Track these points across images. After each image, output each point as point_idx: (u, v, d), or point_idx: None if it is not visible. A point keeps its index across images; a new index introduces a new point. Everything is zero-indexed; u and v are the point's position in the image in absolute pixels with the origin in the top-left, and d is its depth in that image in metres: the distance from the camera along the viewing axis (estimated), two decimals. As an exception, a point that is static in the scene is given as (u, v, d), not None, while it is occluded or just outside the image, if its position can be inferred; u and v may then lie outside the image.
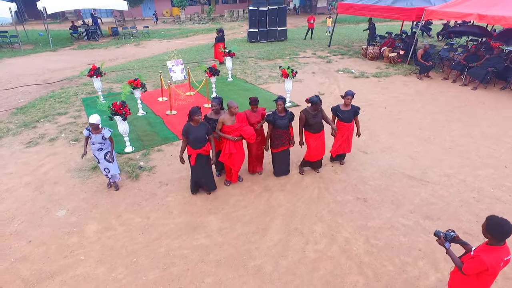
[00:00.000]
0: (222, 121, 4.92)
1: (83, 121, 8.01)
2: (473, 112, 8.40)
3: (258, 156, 5.66)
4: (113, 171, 5.16)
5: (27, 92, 10.54)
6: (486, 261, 2.57)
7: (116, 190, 5.37)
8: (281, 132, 5.30)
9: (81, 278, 3.85)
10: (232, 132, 4.94)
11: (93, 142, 4.93)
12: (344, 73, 11.89)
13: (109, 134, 5.01)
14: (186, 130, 4.69)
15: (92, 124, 4.82)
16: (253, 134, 5.00)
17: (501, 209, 4.93)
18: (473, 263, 2.67)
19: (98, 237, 4.46)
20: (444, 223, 4.68)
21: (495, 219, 2.63)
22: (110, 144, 5.07)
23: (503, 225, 2.58)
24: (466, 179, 5.67)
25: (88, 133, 4.93)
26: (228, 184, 5.52)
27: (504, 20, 9.37)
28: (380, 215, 4.85)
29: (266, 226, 4.67)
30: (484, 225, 2.69)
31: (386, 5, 12.90)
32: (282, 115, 5.23)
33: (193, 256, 4.16)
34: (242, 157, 5.28)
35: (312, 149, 5.47)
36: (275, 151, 5.50)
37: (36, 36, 21.13)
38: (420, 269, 3.96)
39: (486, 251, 2.65)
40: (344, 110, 5.53)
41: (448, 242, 2.90)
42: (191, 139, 4.72)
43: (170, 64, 8.87)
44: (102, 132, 4.92)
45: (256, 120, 5.28)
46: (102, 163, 5.07)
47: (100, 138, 4.91)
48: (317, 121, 5.30)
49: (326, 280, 3.84)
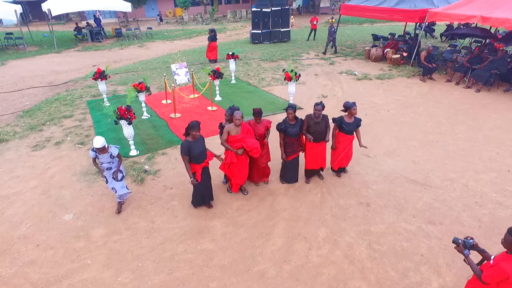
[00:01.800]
0: (228, 130, 4.85)
1: (88, 124, 8.10)
2: (476, 115, 8.40)
3: (262, 169, 5.53)
4: (120, 191, 4.85)
5: (33, 95, 10.66)
6: (507, 269, 2.55)
7: (118, 213, 5.02)
8: (293, 140, 5.28)
9: (88, 282, 3.93)
10: (236, 142, 4.86)
11: (101, 162, 4.67)
12: (347, 75, 11.91)
13: (116, 152, 4.74)
14: (187, 148, 4.46)
15: (97, 150, 4.53)
16: (256, 148, 4.84)
17: (504, 214, 4.95)
18: (493, 271, 2.64)
19: (105, 241, 4.53)
20: (446, 228, 4.71)
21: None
22: (118, 161, 4.85)
23: None
24: (469, 183, 5.69)
25: (94, 154, 4.63)
26: (230, 192, 5.49)
27: (508, 22, 9.34)
28: (383, 220, 4.89)
29: (269, 231, 4.72)
30: (506, 235, 2.67)
31: (390, 6, 12.89)
32: (293, 123, 5.19)
33: (197, 260, 4.23)
34: (244, 169, 5.15)
35: (308, 157, 5.45)
36: (287, 159, 5.43)
37: (41, 38, 21.32)
38: (422, 275, 4.00)
39: (507, 260, 2.62)
40: (348, 122, 5.34)
41: (467, 250, 2.88)
42: (195, 155, 4.52)
43: (174, 68, 8.94)
44: (109, 151, 4.63)
45: (259, 132, 5.14)
46: (110, 183, 4.81)
47: (108, 157, 4.65)
48: (317, 129, 5.19)
49: (329, 285, 3.89)
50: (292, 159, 5.48)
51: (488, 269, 2.70)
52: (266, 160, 5.48)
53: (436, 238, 4.54)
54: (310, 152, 5.44)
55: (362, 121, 5.61)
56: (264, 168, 5.58)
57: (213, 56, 14.17)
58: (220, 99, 9.67)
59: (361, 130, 7.59)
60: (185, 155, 4.49)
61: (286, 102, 9.13)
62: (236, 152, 4.89)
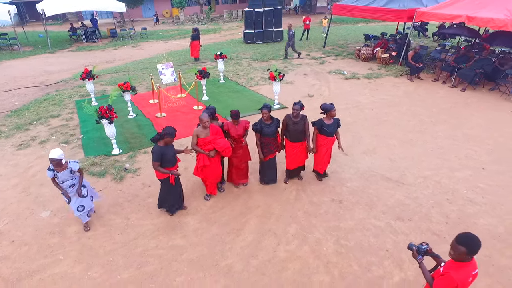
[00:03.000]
0: (196, 134, 4.82)
1: (75, 124, 8.22)
2: (459, 114, 8.48)
3: (241, 169, 5.54)
4: (88, 206, 4.61)
5: (23, 95, 10.78)
6: (456, 278, 2.57)
7: (87, 231, 4.72)
8: (269, 139, 5.30)
9: (58, 277, 4.03)
10: (206, 144, 4.83)
11: (62, 180, 4.26)
12: (336, 75, 12.00)
13: (77, 167, 4.36)
14: (160, 153, 4.34)
15: (53, 160, 4.06)
16: (227, 148, 4.87)
17: (472, 210, 5.04)
18: (443, 281, 2.65)
19: (79, 237, 4.64)
20: (415, 224, 4.80)
21: (468, 238, 2.59)
22: (80, 177, 4.50)
23: (477, 241, 2.56)
24: (442, 180, 5.78)
25: (52, 173, 4.18)
26: (208, 199, 5.38)
27: (492, 22, 9.42)
28: (353, 216, 4.98)
29: (241, 227, 4.82)
30: (457, 246, 2.59)
31: (379, 6, 12.98)
32: (269, 123, 5.21)
33: (167, 255, 4.33)
34: (217, 171, 5.14)
35: (288, 157, 5.49)
36: (264, 159, 5.47)
37: (36, 38, 21.45)
38: (385, 269, 4.09)
39: (455, 268, 2.63)
40: (328, 124, 5.28)
41: (421, 256, 2.88)
42: (168, 160, 4.43)
43: (160, 67, 9.05)
44: (68, 166, 4.25)
45: (237, 133, 5.14)
46: (74, 202, 4.45)
47: (68, 173, 4.27)
48: (296, 129, 5.19)
49: (293, 280, 3.98)
50: (269, 159, 5.51)
51: (438, 278, 2.71)
52: (245, 160, 5.51)
53: (403, 234, 4.63)
54: (290, 152, 5.45)
55: (345, 120, 5.62)
56: (243, 169, 5.59)
57: (195, 54, 14.43)
58: (207, 99, 9.77)
59: (343, 129, 7.73)
60: (157, 161, 4.36)
61: (272, 101, 9.23)
62: (208, 154, 4.85)
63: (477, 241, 2.55)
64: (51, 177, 4.25)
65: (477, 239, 2.56)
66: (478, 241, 2.55)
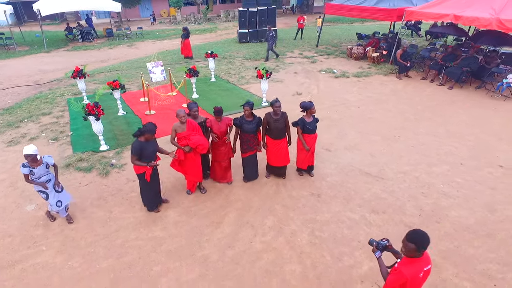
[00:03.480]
0: (174, 129, 4.95)
1: (65, 121, 8.35)
2: (443, 111, 8.62)
3: (224, 166, 5.62)
4: (66, 201, 4.72)
5: (16, 93, 10.92)
6: (406, 273, 2.64)
7: (71, 223, 4.86)
8: (249, 136, 5.39)
9: (39, 266, 4.17)
10: (181, 139, 4.93)
11: (38, 176, 4.36)
12: (326, 73, 12.13)
13: (52, 161, 4.47)
14: (139, 149, 4.45)
15: (28, 156, 4.15)
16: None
17: (446, 203, 5.18)
18: (394, 276, 2.74)
19: (62, 229, 4.78)
20: (389, 216, 4.94)
21: (417, 234, 2.66)
22: (56, 172, 4.65)
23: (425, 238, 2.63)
24: (420, 175, 5.92)
25: (28, 169, 4.26)
26: (190, 193, 5.49)
27: (477, 21, 9.56)
28: (330, 209, 5.12)
29: (220, 220, 4.96)
30: (407, 243, 2.66)
31: (370, 5, 13.12)
32: (250, 119, 5.29)
33: (146, 246, 4.47)
34: (196, 167, 5.20)
35: (270, 154, 5.58)
36: (244, 156, 5.58)
37: (33, 38, 21.59)
38: (355, 259, 4.23)
39: (406, 264, 2.72)
40: (309, 121, 5.40)
41: (379, 251, 2.92)
42: (146, 155, 4.54)
43: (150, 66, 9.19)
44: (43, 161, 4.36)
45: (219, 130, 5.22)
46: (53, 197, 4.56)
47: (44, 168, 4.38)
48: (277, 126, 5.27)
49: (266, 269, 4.12)
50: (249, 156, 5.59)
51: (390, 273, 2.82)
52: (227, 157, 5.58)
53: (376, 226, 4.77)
54: (272, 149, 5.54)
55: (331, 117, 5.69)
56: (226, 167, 5.67)
57: (186, 53, 14.72)
58: (197, 97, 9.91)
59: (329, 125, 7.90)
60: (135, 155, 4.48)
61: (261, 99, 9.37)
62: (183, 149, 4.95)
63: (425, 237, 2.63)
64: (27, 174, 4.31)
65: (425, 236, 2.63)
66: (427, 238, 2.63)
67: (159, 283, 3.94)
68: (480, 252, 4.31)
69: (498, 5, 9.33)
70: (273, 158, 5.64)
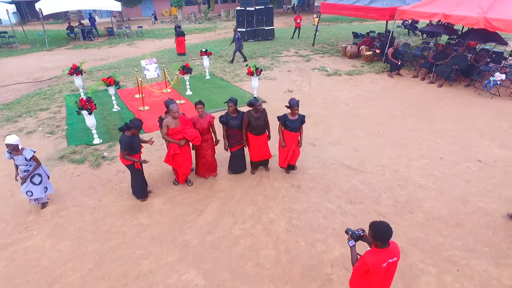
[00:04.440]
0: (166, 125, 5.11)
1: (62, 116, 8.64)
2: (430, 108, 8.80)
3: (209, 162, 5.76)
4: (37, 194, 4.95)
5: (17, 90, 11.24)
6: (368, 262, 2.76)
7: (43, 208, 5.18)
8: (235, 131, 5.59)
9: (30, 249, 4.44)
10: (176, 134, 5.13)
11: (18, 164, 4.73)
12: (319, 71, 12.34)
13: (30, 155, 4.74)
14: (130, 144, 4.78)
15: (8, 145, 4.52)
16: (197, 136, 5.19)
17: (421, 195, 5.38)
18: (358, 263, 2.91)
19: (52, 216, 5.05)
20: (364, 207, 5.16)
21: (376, 224, 2.80)
22: (35, 165, 4.86)
23: (383, 229, 2.76)
24: (400, 169, 6.12)
25: (9, 155, 4.67)
26: (177, 184, 5.74)
27: (465, 19, 9.72)
28: (308, 199, 5.34)
29: (203, 208, 5.20)
30: (370, 232, 2.81)
31: (363, 5, 13.30)
32: (235, 115, 5.50)
33: (131, 232, 4.73)
34: (188, 159, 5.43)
35: (252, 149, 5.76)
36: (232, 150, 5.79)
37: (35, 36, 21.99)
38: (328, 245, 4.45)
39: (371, 253, 2.87)
40: (292, 119, 5.47)
41: (353, 240, 3.04)
42: (135, 148, 4.87)
43: (144, 63, 9.46)
44: (23, 153, 4.69)
45: (202, 126, 5.37)
46: (26, 186, 4.86)
47: (23, 160, 4.70)
48: (259, 124, 5.48)
49: (242, 254, 4.36)
50: (237, 150, 5.79)
51: (357, 261, 2.95)
52: (212, 153, 5.75)
53: (351, 215, 4.99)
54: (253, 145, 5.72)
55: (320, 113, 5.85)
56: (211, 162, 5.82)
57: (181, 50, 15.35)
58: (191, 93, 10.16)
59: (317, 121, 8.12)
60: (126, 150, 4.77)
61: (251, 96, 9.60)
62: (179, 143, 5.18)
63: (383, 228, 2.76)
64: (8, 159, 4.73)
65: (383, 227, 2.76)
66: (384, 229, 2.75)
67: (141, 265, 4.19)
68: (448, 241, 4.51)
69: (485, 4, 9.48)
70: (255, 154, 5.82)
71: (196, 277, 4.01)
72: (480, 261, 4.17)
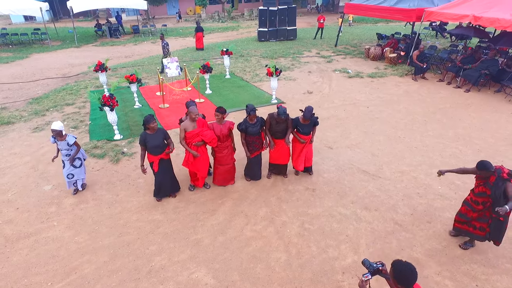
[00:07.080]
0: (184, 128, 5.03)
1: (86, 111, 8.96)
2: (455, 114, 8.46)
3: (229, 171, 5.66)
4: (78, 176, 5.35)
5: (46, 85, 11.74)
6: None
7: (83, 190, 5.59)
8: (254, 138, 5.50)
9: (50, 239, 4.63)
10: (194, 137, 5.06)
11: (60, 148, 5.14)
12: (340, 73, 12.14)
13: (73, 141, 5.12)
14: (144, 139, 4.82)
15: (53, 131, 4.91)
16: (214, 138, 5.11)
17: (440, 204, 5.19)
18: None
19: (72, 208, 5.24)
20: (380, 214, 5.03)
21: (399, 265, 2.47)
22: (75, 150, 5.23)
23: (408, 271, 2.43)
24: (419, 176, 5.93)
25: (53, 140, 5.08)
26: (193, 189, 5.64)
27: (498, 22, 9.27)
28: (322, 204, 5.27)
29: (216, 208, 5.24)
30: (391, 271, 2.51)
31: (389, 6, 12.96)
32: (253, 122, 5.37)
33: (145, 228, 4.83)
34: (206, 162, 5.38)
35: (271, 152, 5.71)
36: (251, 156, 5.64)
37: (66, 33, 22.88)
38: (340, 251, 4.38)
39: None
40: (303, 124, 5.44)
41: (369, 273, 2.64)
42: (150, 147, 4.86)
43: (165, 62, 9.64)
44: (66, 139, 5.06)
45: (222, 132, 5.24)
46: (68, 169, 5.24)
47: (66, 145, 5.08)
48: (278, 129, 5.43)
49: (253, 255, 4.36)
50: (255, 156, 5.68)
51: None
52: (231, 161, 5.59)
53: (366, 222, 4.88)
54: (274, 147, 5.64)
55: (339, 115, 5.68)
56: (230, 170, 5.66)
57: (199, 45, 16.31)
58: (210, 92, 10.26)
59: (335, 124, 8.02)
60: (141, 145, 4.92)
61: (271, 97, 9.58)
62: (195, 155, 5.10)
63: (408, 271, 2.41)
64: (52, 143, 5.13)
65: (409, 270, 2.42)
66: (411, 273, 2.41)
67: (153, 261, 4.27)
68: (467, 253, 4.33)
69: (520, 7, 9.01)
70: (275, 156, 5.77)
71: (206, 276, 4.05)
72: (501, 277, 3.98)
